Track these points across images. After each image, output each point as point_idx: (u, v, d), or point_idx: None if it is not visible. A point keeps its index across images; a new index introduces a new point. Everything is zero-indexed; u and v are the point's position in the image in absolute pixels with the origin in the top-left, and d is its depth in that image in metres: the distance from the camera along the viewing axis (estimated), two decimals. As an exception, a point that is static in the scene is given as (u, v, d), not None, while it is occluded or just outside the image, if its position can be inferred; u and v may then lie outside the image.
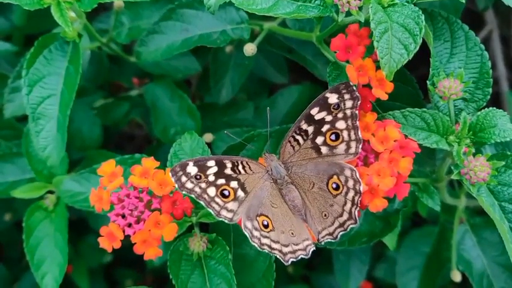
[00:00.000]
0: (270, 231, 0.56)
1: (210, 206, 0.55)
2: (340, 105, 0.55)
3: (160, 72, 0.88)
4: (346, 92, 0.55)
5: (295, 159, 0.57)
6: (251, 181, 0.57)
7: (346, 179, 0.55)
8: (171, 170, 0.55)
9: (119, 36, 0.81)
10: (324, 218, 0.56)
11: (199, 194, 0.55)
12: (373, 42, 0.50)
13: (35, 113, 0.68)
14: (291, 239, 0.56)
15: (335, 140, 0.56)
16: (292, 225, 0.56)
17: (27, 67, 0.69)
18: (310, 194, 0.57)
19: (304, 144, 0.57)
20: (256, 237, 0.55)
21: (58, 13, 0.63)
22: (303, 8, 0.55)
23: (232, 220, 0.56)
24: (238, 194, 0.56)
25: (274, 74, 0.95)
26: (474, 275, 0.79)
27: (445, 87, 0.57)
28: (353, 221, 0.55)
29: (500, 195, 0.59)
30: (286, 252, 0.56)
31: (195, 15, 0.73)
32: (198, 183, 0.55)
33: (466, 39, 0.62)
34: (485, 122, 0.58)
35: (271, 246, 0.55)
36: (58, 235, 0.74)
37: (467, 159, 0.56)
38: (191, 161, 0.55)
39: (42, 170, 0.78)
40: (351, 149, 0.55)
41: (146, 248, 0.56)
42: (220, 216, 0.55)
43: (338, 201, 0.56)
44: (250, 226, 0.55)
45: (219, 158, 0.56)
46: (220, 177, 0.56)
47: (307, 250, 0.56)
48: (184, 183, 0.55)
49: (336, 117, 0.55)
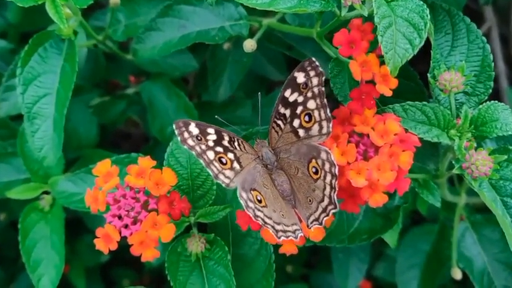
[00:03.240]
0: (263, 207, 0.56)
1: (208, 167, 0.55)
2: (308, 84, 0.54)
3: (157, 70, 0.87)
4: (311, 69, 0.54)
5: (280, 144, 0.57)
6: (245, 158, 0.57)
7: (322, 162, 0.55)
8: (174, 122, 0.54)
9: (115, 34, 0.80)
10: (309, 204, 0.56)
11: (200, 153, 0.55)
12: (377, 37, 0.50)
13: (30, 112, 0.67)
14: (281, 219, 0.56)
15: (308, 121, 0.55)
16: (282, 208, 0.56)
17: (22, 65, 0.68)
18: (296, 180, 0.57)
19: (285, 129, 0.57)
20: (251, 208, 0.55)
21: (53, 10, 0.62)
22: (305, 3, 0.54)
23: (229, 186, 0.56)
24: (234, 165, 0.56)
25: (273, 72, 0.95)
26: (475, 272, 0.79)
27: (446, 80, 0.56)
28: (333, 205, 0.55)
29: (502, 190, 0.58)
30: (278, 229, 0.56)
31: (193, 11, 0.72)
32: (199, 144, 0.55)
33: (467, 31, 0.62)
34: (487, 115, 0.57)
35: (264, 220, 0.55)
36: (54, 236, 0.73)
37: (469, 153, 0.55)
38: (193, 122, 0.55)
39: (38, 171, 0.77)
40: (323, 129, 0.55)
41: (143, 249, 0.55)
42: (218, 179, 0.55)
43: (319, 186, 0.55)
44: (246, 196, 0.55)
45: (218, 129, 0.56)
46: (219, 145, 0.56)
47: (296, 234, 0.56)
48: (187, 139, 0.55)
49: (306, 97, 0.55)
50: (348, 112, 0.57)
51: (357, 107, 0.56)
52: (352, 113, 0.56)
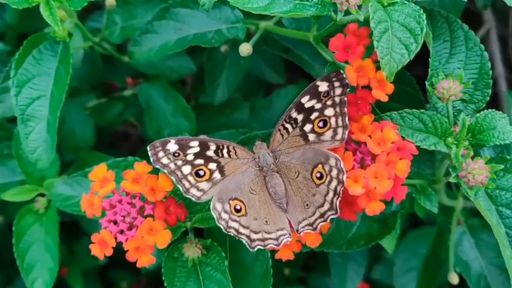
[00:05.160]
0: (241, 216, 0.56)
1: (180, 182, 0.55)
2: (330, 93, 0.55)
3: (155, 72, 0.87)
4: (336, 80, 0.55)
5: (283, 147, 0.57)
6: (232, 165, 0.57)
7: (330, 168, 0.55)
8: (150, 145, 0.55)
9: (111, 36, 0.79)
10: (306, 208, 0.56)
11: (173, 170, 0.55)
12: (373, 42, 0.49)
13: (24, 114, 0.67)
14: (263, 227, 0.56)
15: (323, 127, 0.56)
16: (268, 213, 0.56)
17: (16, 67, 0.67)
18: (294, 183, 0.57)
19: (293, 132, 0.57)
20: (224, 220, 0.55)
21: (47, 12, 0.62)
22: (300, 7, 0.54)
23: (200, 199, 0.56)
24: (214, 175, 0.56)
25: (271, 74, 0.94)
26: (471, 276, 0.79)
27: (444, 88, 0.56)
28: (334, 211, 0.55)
29: (498, 200, 0.58)
30: (254, 238, 0.56)
31: (189, 14, 0.72)
32: (175, 160, 0.55)
33: (465, 39, 0.61)
34: (485, 123, 0.57)
35: (238, 231, 0.55)
36: (49, 239, 0.73)
37: (466, 161, 0.55)
38: (173, 139, 0.55)
39: (33, 173, 0.77)
40: (337, 135, 0.55)
41: (139, 255, 0.55)
42: (189, 194, 0.56)
43: (320, 191, 0.55)
44: (220, 208, 0.56)
45: (204, 140, 0.56)
46: (200, 157, 0.56)
47: (279, 240, 0.56)
48: (160, 158, 0.55)
49: (325, 105, 0.55)
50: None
51: (353, 112, 0.56)
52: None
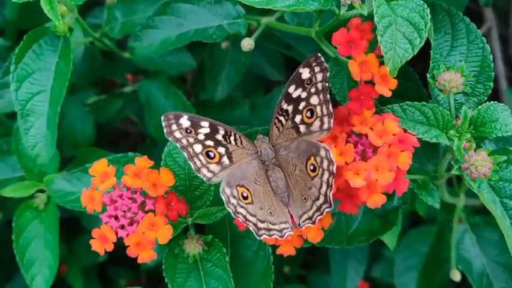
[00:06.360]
0: (248, 204, 0.55)
1: (191, 160, 0.55)
2: (312, 79, 0.54)
3: (155, 68, 0.87)
4: (316, 65, 0.54)
5: (281, 140, 0.57)
6: (239, 154, 0.57)
7: (321, 159, 0.54)
8: (164, 115, 0.54)
9: (112, 31, 0.79)
10: (304, 202, 0.55)
11: (185, 145, 0.55)
12: (377, 37, 0.49)
13: (24, 109, 0.67)
14: (268, 217, 0.55)
15: (310, 116, 0.55)
16: (272, 205, 0.56)
17: (16, 62, 0.67)
18: (293, 177, 0.56)
19: (286, 124, 0.56)
20: (233, 204, 0.55)
21: (48, 6, 0.61)
22: (303, 1, 0.54)
23: (211, 180, 0.55)
24: (223, 160, 0.56)
25: (271, 71, 0.94)
26: (474, 274, 0.79)
27: (445, 80, 0.56)
28: (328, 204, 0.54)
29: (501, 192, 0.58)
30: (260, 227, 0.55)
31: (191, 9, 0.72)
32: (187, 137, 0.55)
33: (467, 31, 0.61)
34: (487, 116, 0.57)
35: (246, 217, 0.55)
36: (49, 235, 0.72)
37: (468, 154, 0.55)
38: (186, 114, 0.55)
39: (33, 168, 0.76)
40: (324, 125, 0.55)
41: (140, 250, 0.54)
42: (200, 173, 0.55)
43: (315, 184, 0.55)
44: (229, 193, 0.55)
45: (213, 122, 0.56)
46: (210, 139, 0.55)
47: (283, 232, 0.55)
48: (174, 131, 0.54)
49: (309, 93, 0.55)
50: (347, 112, 0.56)
51: (356, 108, 0.55)
52: (350, 113, 0.56)
